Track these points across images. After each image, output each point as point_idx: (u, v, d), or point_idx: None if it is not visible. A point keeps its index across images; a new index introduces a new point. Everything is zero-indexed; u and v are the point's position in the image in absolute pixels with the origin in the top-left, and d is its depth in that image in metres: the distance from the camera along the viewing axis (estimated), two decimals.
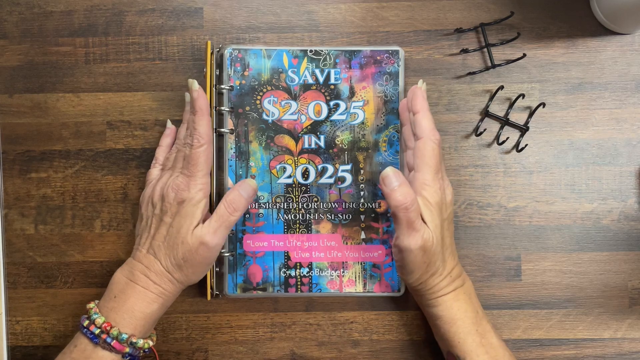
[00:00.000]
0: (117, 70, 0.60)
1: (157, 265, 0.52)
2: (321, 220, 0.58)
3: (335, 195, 0.58)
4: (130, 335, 0.51)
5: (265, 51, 0.58)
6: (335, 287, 0.58)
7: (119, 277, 0.53)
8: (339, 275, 0.58)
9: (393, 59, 0.58)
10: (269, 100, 0.58)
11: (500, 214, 0.59)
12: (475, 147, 0.60)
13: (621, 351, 0.59)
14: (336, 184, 0.58)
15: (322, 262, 0.58)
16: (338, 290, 0.58)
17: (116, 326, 0.51)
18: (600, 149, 0.59)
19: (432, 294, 0.53)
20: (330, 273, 0.58)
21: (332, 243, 0.58)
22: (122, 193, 0.60)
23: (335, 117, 0.58)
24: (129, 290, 0.52)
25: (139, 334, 0.52)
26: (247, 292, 0.58)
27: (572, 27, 0.59)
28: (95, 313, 0.51)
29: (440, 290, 0.53)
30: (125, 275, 0.53)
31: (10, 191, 0.60)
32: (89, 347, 0.51)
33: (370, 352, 0.60)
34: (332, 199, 0.58)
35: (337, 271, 0.58)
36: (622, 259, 0.59)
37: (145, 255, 0.53)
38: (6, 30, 0.60)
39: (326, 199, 0.58)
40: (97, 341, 0.50)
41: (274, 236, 0.58)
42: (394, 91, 0.58)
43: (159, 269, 0.52)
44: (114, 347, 0.50)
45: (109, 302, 0.52)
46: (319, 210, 0.58)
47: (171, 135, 0.58)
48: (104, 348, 0.50)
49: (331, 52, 0.58)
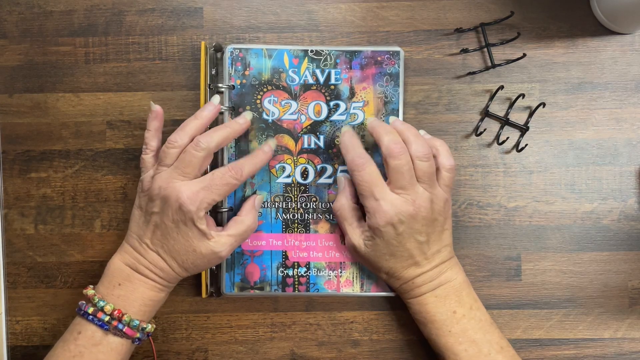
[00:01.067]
0: (117, 70, 0.60)
1: (163, 263, 0.53)
2: (319, 220, 0.58)
3: (334, 196, 0.58)
4: (141, 322, 0.52)
5: (266, 51, 0.58)
6: (332, 287, 0.58)
7: (119, 264, 0.53)
8: (336, 275, 0.58)
9: (394, 60, 0.58)
10: (269, 99, 0.58)
11: (500, 214, 0.59)
12: (475, 147, 0.60)
13: (621, 351, 0.59)
14: (335, 185, 0.58)
15: (320, 262, 0.58)
16: (335, 290, 0.58)
17: (127, 313, 0.51)
18: (600, 149, 0.59)
19: (406, 293, 0.55)
20: (328, 273, 0.58)
21: (330, 243, 0.58)
22: (122, 193, 0.60)
23: (335, 118, 0.58)
24: (135, 279, 0.53)
25: (147, 319, 0.53)
26: (244, 291, 0.58)
27: (572, 27, 0.59)
28: (102, 300, 0.52)
29: (413, 290, 0.54)
30: (127, 263, 0.53)
31: (10, 191, 0.60)
32: (97, 334, 0.51)
33: (370, 352, 0.60)
34: (331, 199, 0.58)
35: (334, 271, 0.58)
36: (622, 259, 0.59)
37: (148, 251, 0.53)
38: (6, 30, 0.60)
39: (325, 199, 0.58)
40: (108, 328, 0.51)
41: (272, 235, 0.58)
42: (394, 92, 0.58)
43: (164, 266, 0.53)
44: (126, 333, 0.51)
45: (112, 289, 0.52)
46: (318, 210, 0.58)
47: (158, 118, 0.55)
48: (115, 334, 0.52)
49: (332, 53, 0.58)
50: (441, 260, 0.54)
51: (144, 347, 0.60)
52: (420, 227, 0.52)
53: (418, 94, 0.60)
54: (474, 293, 0.55)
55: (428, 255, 0.54)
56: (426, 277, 0.54)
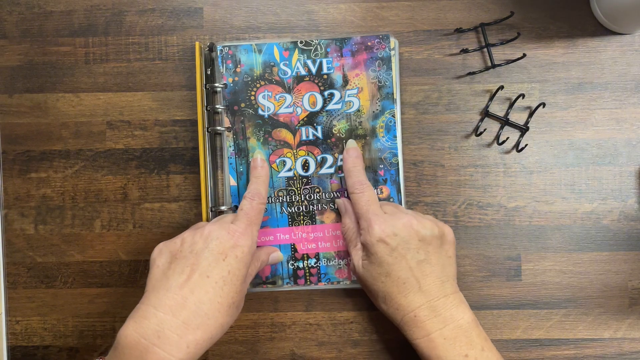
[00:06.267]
0: (117, 70, 0.60)
1: None
2: (325, 211, 0.58)
3: (336, 185, 0.58)
4: None
5: (255, 46, 0.58)
6: (344, 276, 0.58)
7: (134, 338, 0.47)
8: (346, 263, 0.58)
9: (384, 44, 0.58)
10: (263, 95, 0.58)
11: (500, 214, 0.59)
12: (475, 147, 0.60)
13: (621, 351, 0.59)
14: (337, 174, 0.58)
15: (329, 251, 0.58)
16: (347, 278, 0.58)
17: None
18: (600, 149, 0.59)
19: (410, 330, 0.51)
20: (338, 262, 0.58)
21: (337, 232, 0.58)
22: (122, 193, 0.60)
23: (330, 107, 0.58)
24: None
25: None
26: (257, 287, 0.58)
27: (572, 27, 0.59)
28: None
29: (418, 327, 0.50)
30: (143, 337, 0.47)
31: (10, 191, 0.60)
32: None
33: (370, 352, 0.60)
34: (334, 189, 0.58)
35: (344, 260, 0.58)
36: (622, 259, 0.59)
37: None
38: (6, 30, 0.60)
39: (328, 189, 0.58)
40: None
41: (279, 230, 0.58)
42: (387, 76, 0.58)
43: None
44: None
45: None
46: (322, 200, 0.58)
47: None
48: None
49: (322, 42, 0.58)
50: (445, 292, 0.51)
51: None
52: (418, 243, 0.51)
53: (418, 94, 0.60)
54: (483, 332, 0.51)
55: (429, 281, 0.50)
56: (430, 311, 0.50)
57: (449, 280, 0.51)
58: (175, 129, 0.60)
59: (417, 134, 0.59)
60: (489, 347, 0.50)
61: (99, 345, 0.60)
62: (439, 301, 0.50)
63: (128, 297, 0.60)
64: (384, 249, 0.51)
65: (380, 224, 0.51)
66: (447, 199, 0.59)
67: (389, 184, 0.58)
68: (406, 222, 0.52)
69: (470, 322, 0.50)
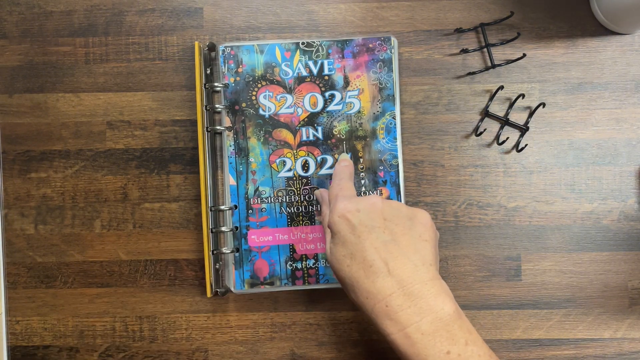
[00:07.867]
0: (117, 70, 0.60)
1: None
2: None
3: None
4: None
5: (257, 46, 0.58)
6: None
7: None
8: None
9: (385, 46, 0.58)
10: (264, 95, 0.58)
11: (500, 214, 0.59)
12: (475, 147, 0.60)
13: (621, 351, 0.59)
14: None
15: None
16: None
17: None
18: (600, 149, 0.59)
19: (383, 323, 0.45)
20: None
21: None
22: (122, 193, 0.60)
23: (331, 108, 0.58)
24: None
25: None
26: (254, 288, 0.58)
27: (572, 27, 0.59)
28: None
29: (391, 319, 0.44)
30: None
31: (10, 191, 0.60)
32: None
33: (370, 352, 0.59)
34: None
35: None
36: (622, 259, 0.59)
37: None
38: (6, 30, 0.60)
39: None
40: None
41: (278, 230, 0.58)
42: (388, 78, 0.58)
43: None
44: None
45: None
46: None
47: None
48: None
49: (323, 43, 0.58)
50: (421, 279, 0.45)
51: (144, 347, 0.60)
52: (383, 222, 0.47)
53: (418, 94, 0.60)
54: (467, 323, 0.45)
55: (398, 263, 0.45)
56: (404, 300, 0.44)
57: (424, 265, 0.45)
58: (175, 129, 0.60)
59: (417, 134, 0.59)
60: (474, 340, 0.44)
61: (99, 345, 0.60)
62: (413, 287, 0.44)
63: (128, 297, 0.60)
64: (346, 226, 0.47)
65: (344, 202, 0.48)
66: (447, 199, 0.59)
67: (388, 185, 0.58)
68: (372, 201, 0.48)
69: (451, 314, 0.44)
